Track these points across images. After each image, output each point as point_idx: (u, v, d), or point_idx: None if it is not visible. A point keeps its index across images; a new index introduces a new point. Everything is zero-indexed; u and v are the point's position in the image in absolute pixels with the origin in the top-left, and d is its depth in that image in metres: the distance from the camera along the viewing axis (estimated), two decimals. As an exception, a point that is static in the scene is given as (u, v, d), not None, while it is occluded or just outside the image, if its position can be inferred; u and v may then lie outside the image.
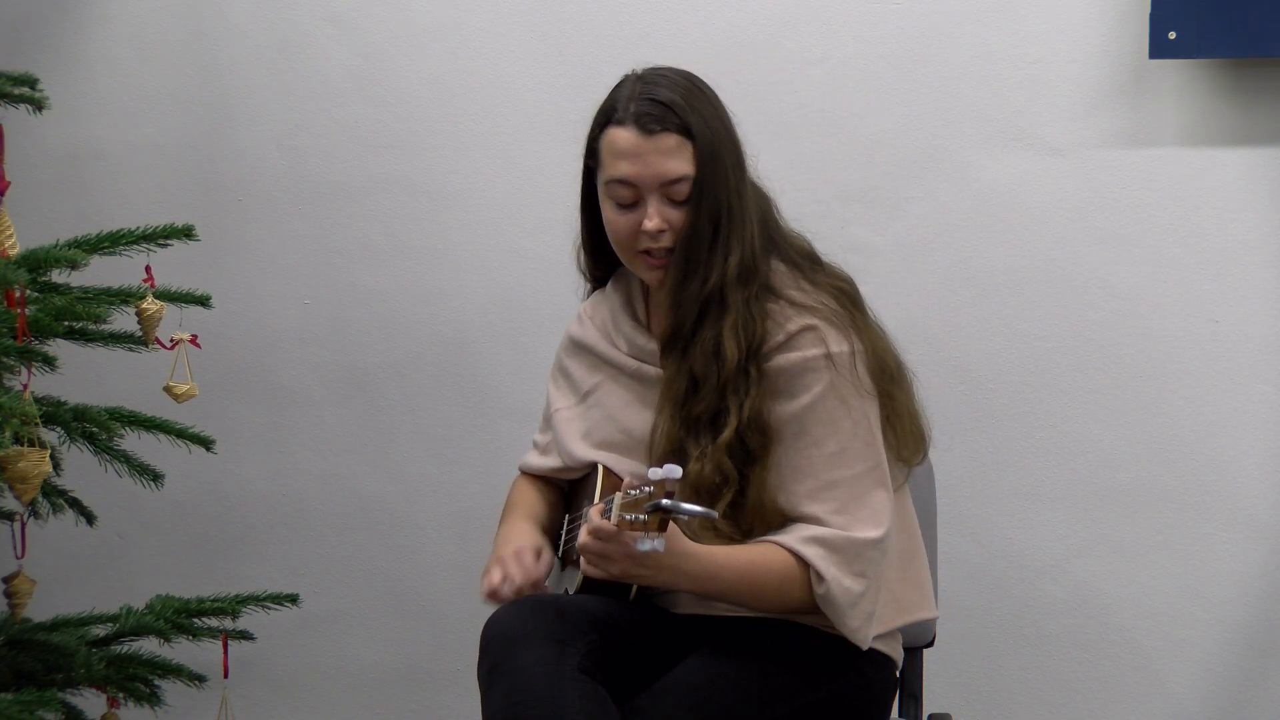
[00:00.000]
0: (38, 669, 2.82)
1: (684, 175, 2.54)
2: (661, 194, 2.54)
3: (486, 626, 2.49)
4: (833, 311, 2.56)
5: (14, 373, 2.65)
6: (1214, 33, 3.15)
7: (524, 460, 2.87)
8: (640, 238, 2.56)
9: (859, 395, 2.54)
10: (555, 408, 2.79)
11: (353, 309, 3.69)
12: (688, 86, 2.58)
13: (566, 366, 2.79)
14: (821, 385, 2.53)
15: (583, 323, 2.78)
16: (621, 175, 2.55)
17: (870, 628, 2.53)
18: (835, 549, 2.49)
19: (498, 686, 2.42)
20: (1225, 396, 3.29)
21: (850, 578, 2.50)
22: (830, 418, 2.53)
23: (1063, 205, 3.34)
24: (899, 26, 3.38)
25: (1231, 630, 3.31)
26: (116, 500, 3.52)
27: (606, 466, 2.65)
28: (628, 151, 2.55)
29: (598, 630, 2.49)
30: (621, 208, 2.57)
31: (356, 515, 3.73)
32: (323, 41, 3.65)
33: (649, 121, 2.54)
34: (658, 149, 2.53)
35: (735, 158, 2.59)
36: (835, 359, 2.53)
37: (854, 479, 2.52)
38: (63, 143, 3.74)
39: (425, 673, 3.71)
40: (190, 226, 2.85)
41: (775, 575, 2.50)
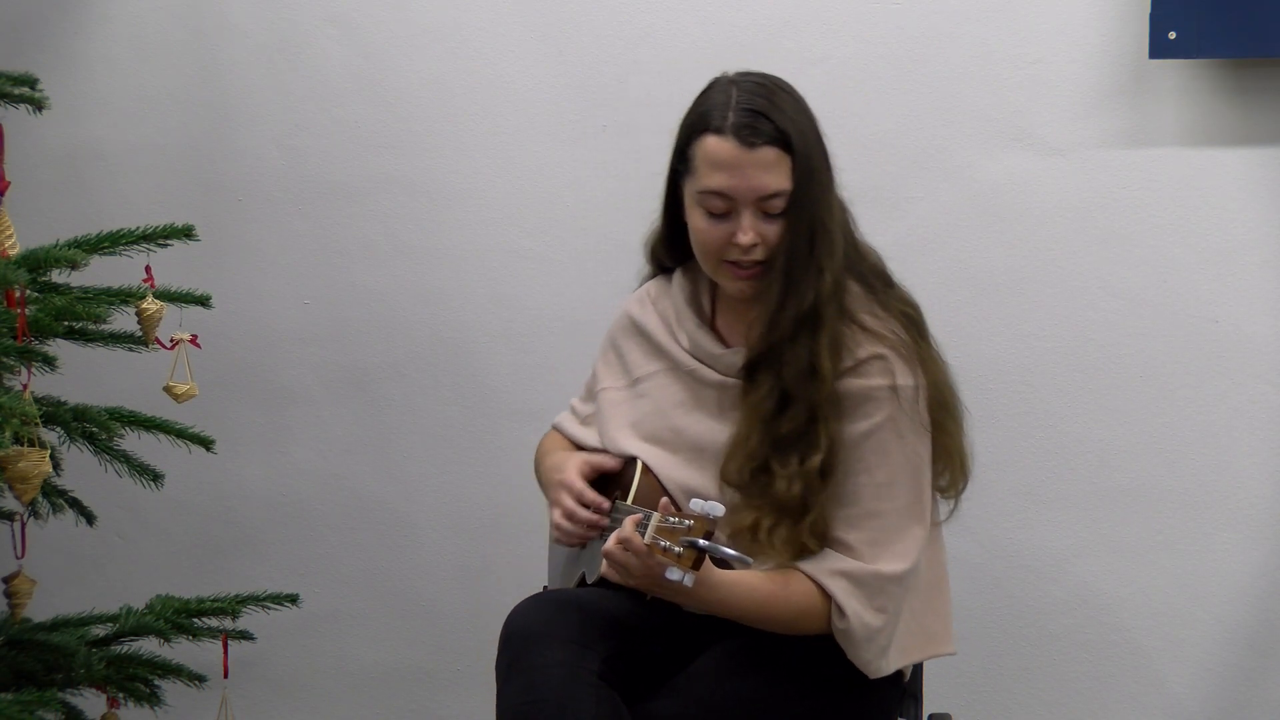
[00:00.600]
0: (38, 669, 2.82)
1: (781, 190, 2.50)
2: (756, 207, 2.51)
3: (509, 621, 2.49)
4: (901, 342, 2.55)
5: (14, 373, 2.65)
6: (1214, 33, 3.15)
7: (561, 424, 2.86)
8: (730, 249, 2.53)
9: (916, 431, 2.54)
10: (603, 385, 2.77)
11: (353, 309, 3.69)
12: (784, 96, 2.54)
13: (621, 346, 2.77)
14: (882, 415, 2.52)
15: (644, 306, 2.75)
16: (717, 187, 2.51)
17: (883, 660, 2.54)
18: (860, 583, 2.50)
19: (515, 682, 2.43)
20: (1225, 396, 3.29)
21: (871, 612, 2.50)
22: (884, 448, 2.52)
23: (1063, 205, 3.34)
24: (899, 26, 3.38)
25: (1231, 630, 3.31)
26: (116, 500, 3.52)
27: (646, 465, 2.63)
28: (726, 163, 2.50)
29: (619, 634, 2.50)
30: (713, 217, 2.53)
31: (356, 515, 3.73)
32: (323, 41, 3.65)
33: (749, 134, 2.49)
34: (757, 162, 2.49)
35: (827, 171, 2.56)
36: (900, 391, 2.53)
37: (894, 512, 2.52)
38: (63, 143, 3.74)
39: (425, 673, 3.71)
40: (190, 226, 2.85)
41: (794, 607, 2.50)
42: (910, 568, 2.52)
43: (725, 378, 2.62)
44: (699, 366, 2.65)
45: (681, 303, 2.69)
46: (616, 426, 2.71)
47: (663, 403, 2.67)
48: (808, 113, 2.57)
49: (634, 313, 2.76)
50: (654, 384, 2.69)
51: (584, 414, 2.82)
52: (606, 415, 2.73)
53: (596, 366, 2.82)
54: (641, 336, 2.74)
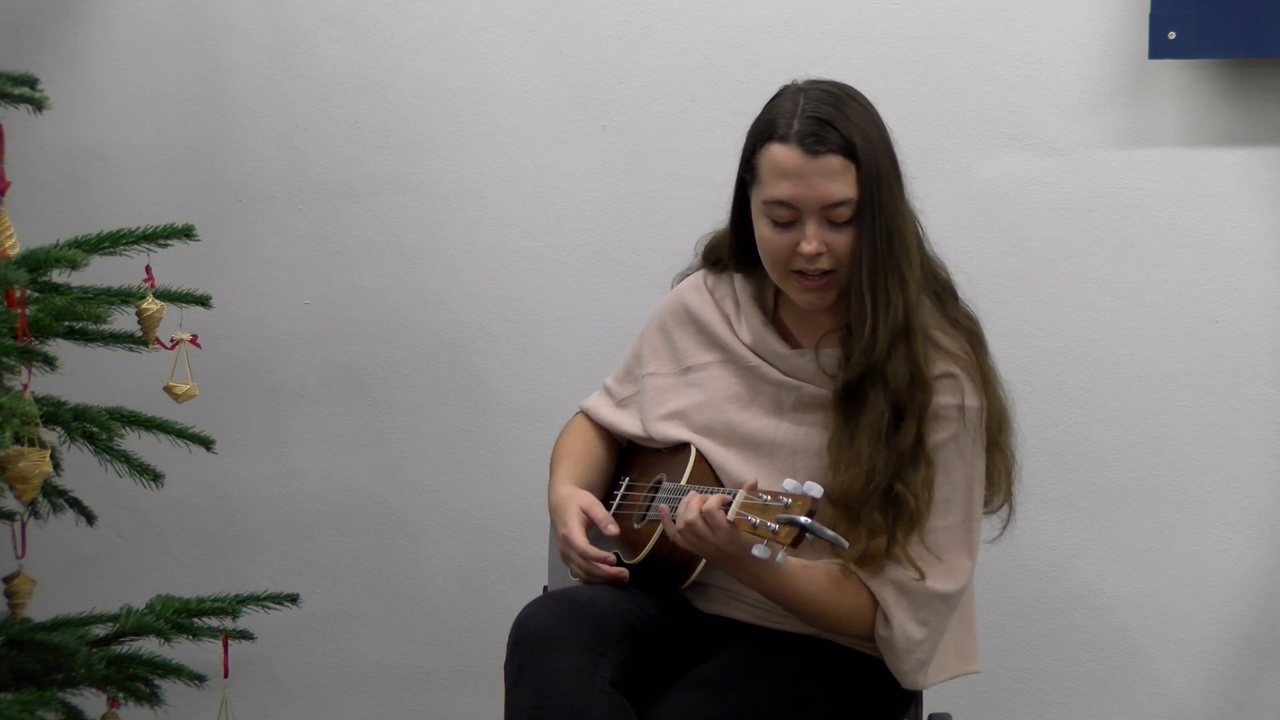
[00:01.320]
0: (38, 669, 2.82)
1: (846, 199, 2.49)
2: (822, 216, 2.49)
3: (520, 622, 2.47)
4: (971, 362, 2.55)
5: (14, 373, 2.65)
6: (1214, 33, 3.15)
7: (592, 407, 2.82)
8: (796, 258, 2.52)
9: (976, 452, 2.55)
10: (648, 370, 2.74)
11: (353, 309, 3.69)
12: (851, 104, 2.53)
13: (671, 332, 2.74)
14: (947, 434, 2.53)
15: (701, 294, 2.73)
16: (782, 196, 2.50)
17: (921, 675, 2.55)
18: (909, 594, 2.50)
19: (526, 686, 2.41)
20: (1225, 396, 3.29)
21: (914, 625, 2.51)
22: (946, 466, 2.53)
23: (1063, 205, 3.34)
24: (899, 26, 3.38)
25: (1231, 630, 3.31)
26: (116, 500, 3.52)
27: (701, 452, 2.62)
28: (790, 172, 2.48)
29: (631, 639, 2.49)
30: (778, 226, 2.52)
31: (356, 515, 3.73)
32: (323, 41, 3.65)
33: (813, 142, 2.48)
34: (821, 170, 2.48)
35: (897, 178, 2.54)
36: (966, 412, 2.53)
37: (947, 530, 2.53)
38: (63, 143, 3.74)
39: (425, 673, 3.71)
40: (190, 226, 2.84)
41: (845, 607, 2.51)
42: (960, 589, 2.53)
43: (786, 378, 2.61)
44: (760, 363, 2.63)
45: (746, 297, 2.67)
46: (664, 414, 2.68)
47: (717, 395, 2.65)
48: (877, 121, 2.55)
49: (689, 300, 2.73)
50: (708, 375, 2.67)
51: (621, 395, 2.78)
52: (651, 401, 2.71)
53: (639, 349, 2.78)
54: (696, 324, 2.71)
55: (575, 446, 2.78)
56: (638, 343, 2.80)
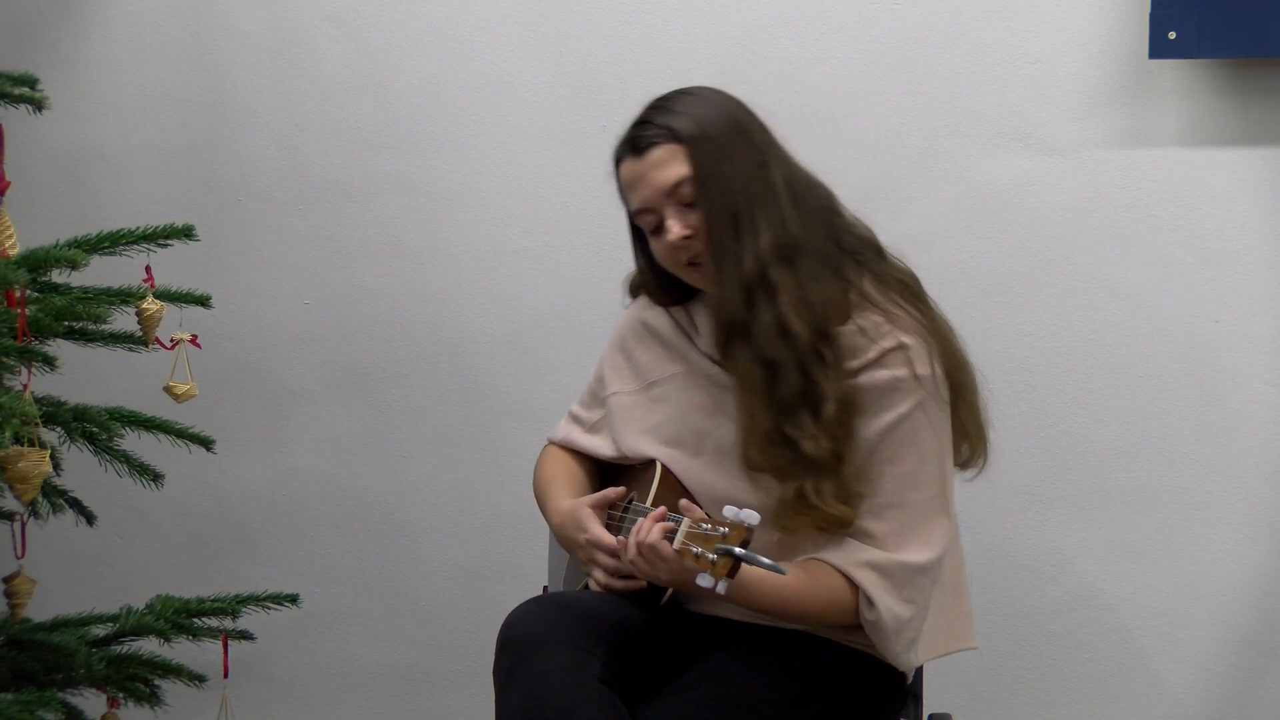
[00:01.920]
0: (38, 669, 2.82)
1: (682, 176, 2.54)
2: (674, 204, 2.55)
3: (508, 625, 2.47)
4: (916, 322, 2.55)
5: (14, 373, 2.65)
6: (1214, 33, 3.15)
7: (563, 435, 2.82)
8: (677, 252, 2.56)
9: (940, 420, 2.55)
10: (612, 390, 2.75)
11: (353, 309, 3.69)
12: (682, 99, 2.60)
13: (631, 349, 2.76)
14: (907, 405, 2.53)
15: (655, 309, 2.75)
16: (636, 205, 2.58)
17: (912, 654, 2.54)
18: (888, 574, 2.50)
19: (516, 687, 2.41)
20: (1225, 396, 3.29)
21: (900, 603, 2.50)
22: (911, 439, 2.53)
23: (1063, 205, 3.34)
24: (899, 26, 3.38)
25: (1231, 630, 3.31)
26: (116, 500, 3.52)
27: (666, 467, 2.62)
28: (632, 180, 2.57)
29: (619, 638, 2.49)
30: (654, 234, 2.58)
31: (356, 515, 3.73)
32: (323, 41, 3.65)
33: (636, 144, 2.57)
34: (651, 164, 2.55)
35: (744, 143, 2.56)
36: (921, 381, 2.53)
37: (920, 503, 2.53)
38: (63, 143, 3.74)
39: (425, 673, 3.71)
40: (190, 226, 2.84)
41: (822, 599, 2.50)
42: (936, 558, 2.52)
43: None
44: (717, 370, 2.63)
45: (699, 306, 2.69)
46: (634, 431, 2.69)
47: (683, 406, 2.66)
48: (715, 102, 2.60)
49: (647, 317, 2.75)
50: (672, 387, 2.68)
51: (590, 420, 2.80)
52: (621, 419, 2.72)
53: (601, 371, 2.80)
54: (655, 339, 2.73)
55: (557, 471, 2.78)
56: (599, 365, 2.82)
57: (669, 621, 2.59)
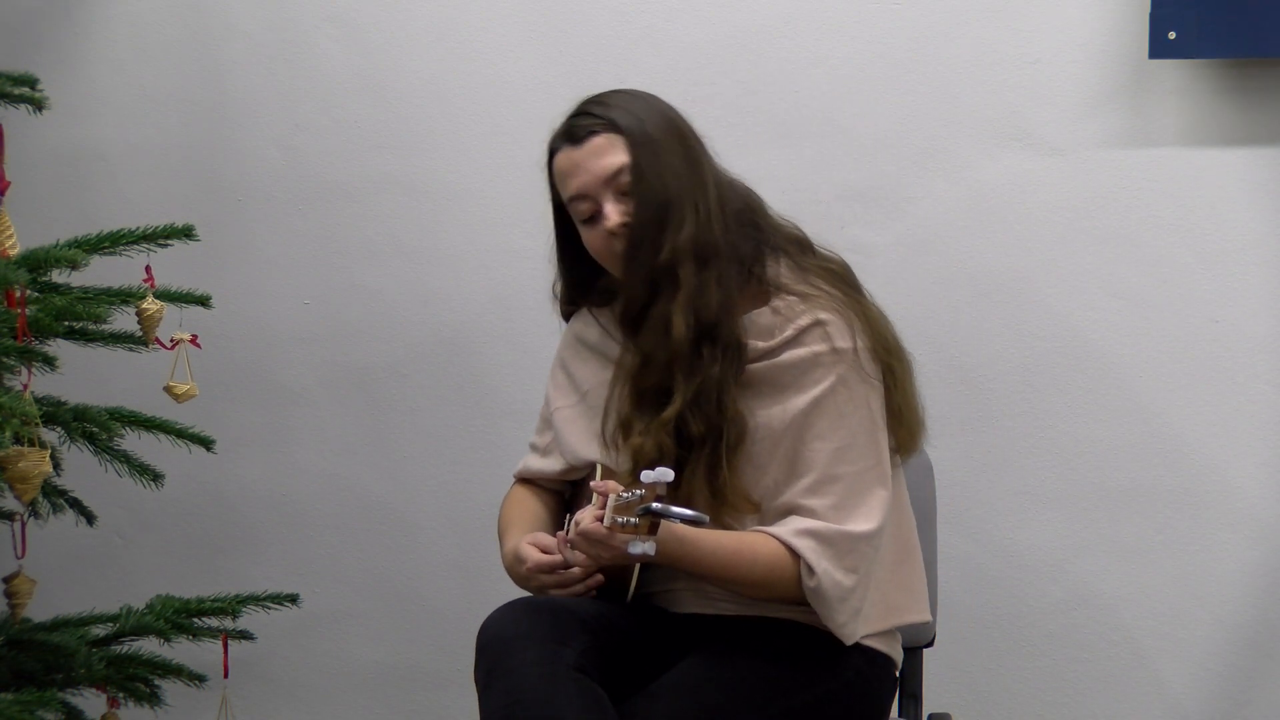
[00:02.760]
0: (38, 669, 2.82)
1: (622, 164, 2.56)
2: (611, 192, 2.57)
3: (482, 629, 2.49)
4: (837, 301, 2.56)
5: (14, 373, 2.65)
6: (1214, 33, 3.15)
7: (523, 466, 2.84)
8: (612, 240, 2.57)
9: (865, 391, 2.55)
10: (555, 406, 2.77)
11: (353, 309, 3.69)
12: (617, 95, 2.64)
13: (568, 365, 2.78)
14: (829, 381, 2.53)
15: (587, 322, 2.76)
16: (572, 191, 2.59)
17: (857, 624, 2.53)
18: (828, 542, 2.50)
19: (495, 688, 2.42)
20: (1225, 396, 3.29)
21: (841, 572, 2.50)
22: (837, 413, 2.53)
23: (1063, 205, 3.34)
24: (899, 26, 3.38)
25: (1231, 630, 3.31)
26: (116, 500, 3.52)
27: (606, 466, 2.64)
28: (568, 169, 2.59)
29: (593, 631, 2.50)
30: (588, 223, 2.60)
31: (356, 515, 3.73)
32: (323, 41, 3.65)
33: (575, 132, 2.59)
34: (591, 152, 2.57)
35: (679, 143, 2.59)
36: (842, 354, 2.54)
37: (855, 475, 2.53)
38: (63, 143, 3.74)
39: (425, 673, 3.71)
40: (190, 226, 2.84)
41: (763, 564, 2.50)
42: (878, 527, 2.52)
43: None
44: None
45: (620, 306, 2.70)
46: (574, 438, 2.71)
47: (617, 405, 2.66)
48: (650, 102, 2.63)
49: (578, 330, 2.78)
50: (604, 392, 2.68)
51: (543, 445, 2.81)
52: (565, 432, 2.73)
53: (548, 393, 2.82)
54: (589, 351, 2.74)
55: (514, 513, 2.79)
56: (546, 387, 2.83)
57: (650, 623, 2.59)
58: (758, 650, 2.54)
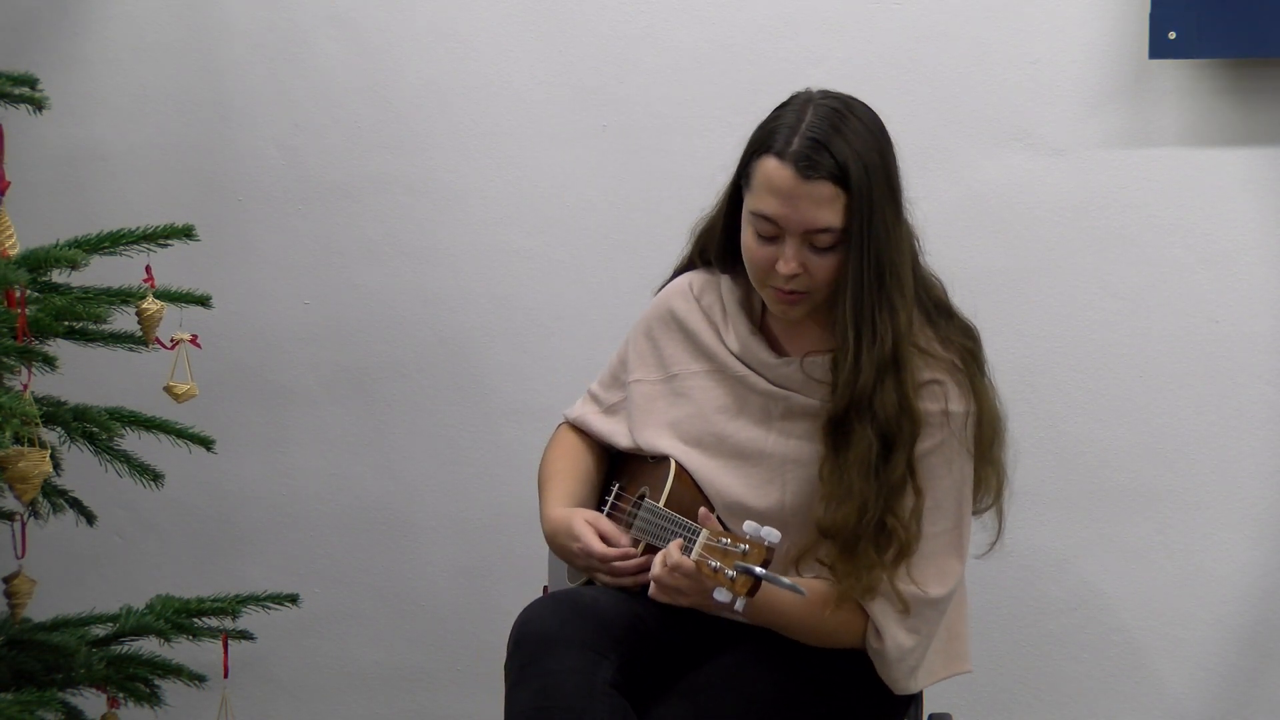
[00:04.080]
0: (38, 669, 2.82)
1: (830, 227, 2.46)
2: (804, 239, 2.48)
3: (522, 622, 2.47)
4: (957, 368, 2.54)
5: (14, 373, 2.65)
6: (1214, 33, 3.15)
7: (579, 416, 2.79)
8: (773, 275, 2.50)
9: (964, 458, 2.54)
10: (635, 377, 2.72)
11: (353, 309, 3.69)
12: (855, 125, 2.50)
13: (658, 338, 2.72)
14: (933, 440, 2.52)
15: (688, 300, 2.70)
16: (768, 212, 2.48)
17: (911, 680, 2.55)
18: (899, 603, 2.50)
19: (527, 686, 2.40)
20: (1225, 396, 3.29)
21: (905, 633, 2.51)
22: (934, 473, 2.53)
23: (1063, 205, 3.34)
24: (899, 26, 3.38)
25: (1231, 630, 3.31)
26: (116, 500, 3.52)
27: (682, 467, 2.61)
28: (779, 190, 2.46)
29: (633, 641, 2.48)
30: (761, 239, 2.50)
31: (356, 515, 3.73)
32: (323, 41, 3.65)
33: (806, 166, 2.45)
34: (810, 195, 2.45)
35: (894, 203, 2.52)
36: (952, 417, 2.53)
37: (936, 536, 2.53)
38: (63, 143, 3.74)
39: (425, 673, 3.71)
40: (190, 226, 2.84)
41: (833, 625, 2.50)
42: (948, 594, 2.53)
43: (774, 388, 2.59)
44: (748, 373, 2.61)
45: (734, 303, 2.65)
46: (650, 425, 2.66)
47: (705, 405, 2.63)
48: (880, 142, 2.52)
49: (676, 306, 2.71)
50: (695, 384, 2.65)
51: (609, 402, 2.76)
52: (640, 410, 2.69)
53: (625, 353, 2.75)
54: (683, 332, 2.69)
55: (562, 464, 2.75)
56: (623, 348, 2.77)
57: (680, 618, 2.58)
58: (779, 663, 2.53)
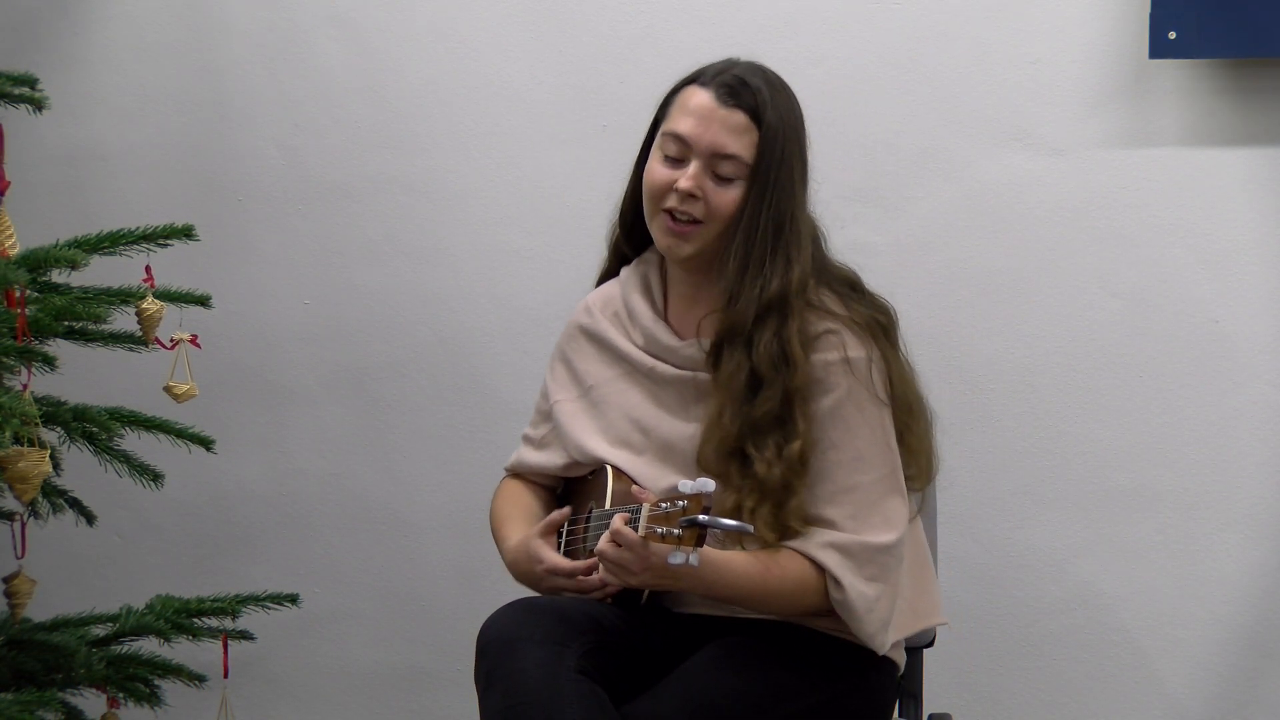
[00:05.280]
0: (38, 669, 2.82)
1: (737, 155, 2.54)
2: (708, 163, 2.54)
3: (483, 630, 2.48)
4: (856, 325, 2.56)
5: (14, 373, 2.65)
6: (1214, 33, 3.15)
7: (517, 459, 2.82)
8: (670, 195, 2.55)
9: (875, 402, 2.55)
10: (555, 399, 2.75)
11: (353, 309, 3.69)
12: (780, 88, 2.60)
13: (570, 357, 2.76)
14: (840, 390, 2.53)
15: (592, 314, 2.75)
16: (680, 130, 2.55)
17: (886, 634, 2.54)
18: (851, 554, 2.50)
19: (495, 689, 2.42)
20: (1225, 396, 3.29)
21: (865, 583, 2.50)
22: (848, 423, 2.53)
23: (1063, 205, 3.34)
24: (899, 26, 3.38)
25: (1231, 630, 3.31)
26: (116, 500, 3.52)
27: (617, 468, 2.63)
28: (695, 111, 2.55)
29: (596, 631, 2.49)
30: (667, 160, 2.57)
31: (356, 515, 3.73)
32: (323, 41, 3.65)
33: (727, 93, 2.55)
34: (725, 121, 2.54)
35: (801, 175, 2.59)
36: (853, 364, 2.53)
37: (870, 484, 2.53)
38: (63, 143, 3.74)
39: (425, 673, 3.71)
40: (190, 226, 2.84)
41: (791, 581, 2.50)
42: (898, 538, 2.53)
43: (683, 372, 2.62)
44: (656, 364, 2.64)
45: (635, 296, 2.69)
46: (582, 433, 2.69)
47: (624, 406, 2.66)
48: (796, 114, 2.61)
49: (583, 322, 2.76)
50: (612, 389, 2.68)
51: (539, 438, 2.80)
52: (568, 425, 2.71)
53: (545, 384, 2.80)
54: (594, 343, 2.73)
55: (508, 510, 2.78)
56: (544, 379, 2.81)
57: (653, 622, 2.59)
58: (763, 653, 2.53)
